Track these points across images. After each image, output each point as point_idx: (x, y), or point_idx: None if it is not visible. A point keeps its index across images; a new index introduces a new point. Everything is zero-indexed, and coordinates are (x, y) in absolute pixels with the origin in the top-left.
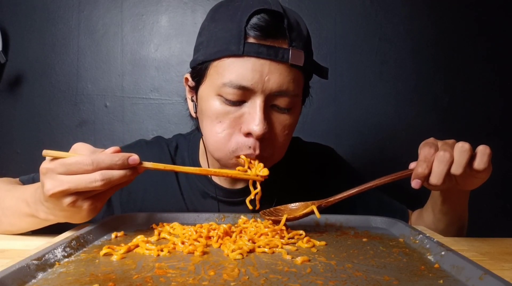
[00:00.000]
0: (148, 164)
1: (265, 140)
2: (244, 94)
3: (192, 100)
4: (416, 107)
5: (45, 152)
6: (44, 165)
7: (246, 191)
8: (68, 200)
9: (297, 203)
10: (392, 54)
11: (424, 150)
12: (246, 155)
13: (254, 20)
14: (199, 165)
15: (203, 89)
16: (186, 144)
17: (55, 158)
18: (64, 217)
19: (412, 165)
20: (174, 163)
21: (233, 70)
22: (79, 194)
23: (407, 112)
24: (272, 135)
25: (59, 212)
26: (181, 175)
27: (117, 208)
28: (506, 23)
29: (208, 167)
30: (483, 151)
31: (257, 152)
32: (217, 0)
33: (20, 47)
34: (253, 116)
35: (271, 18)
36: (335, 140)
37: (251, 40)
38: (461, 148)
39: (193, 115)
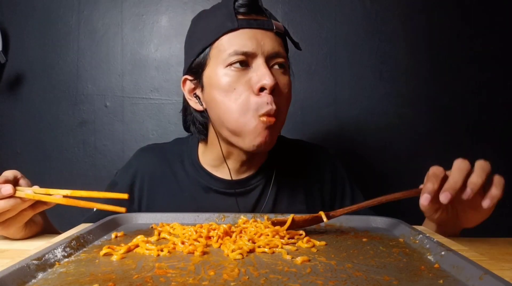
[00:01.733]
0: (22, 194)
1: (275, 95)
2: (247, 60)
3: (196, 96)
4: (416, 107)
5: None
6: None
7: (249, 180)
8: None
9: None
10: (392, 54)
11: (433, 168)
12: (267, 113)
13: (238, 2)
14: (199, 166)
15: (209, 70)
16: (185, 147)
17: None
18: None
19: (421, 186)
20: (171, 167)
21: (234, 42)
22: None
23: (407, 112)
24: (279, 92)
25: None
26: (180, 174)
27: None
28: (506, 23)
29: (223, 155)
30: (499, 179)
31: (274, 106)
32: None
33: (20, 47)
34: (261, 73)
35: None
36: (335, 140)
37: (240, 17)
38: (482, 163)
39: (200, 108)
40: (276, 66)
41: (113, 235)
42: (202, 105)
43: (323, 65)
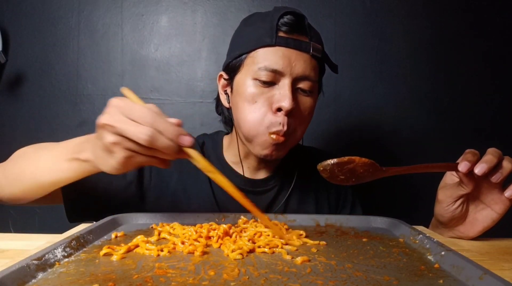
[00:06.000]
0: (192, 152)
1: (291, 116)
2: (275, 77)
3: (226, 93)
4: (416, 107)
5: (123, 89)
6: (115, 100)
7: (267, 181)
8: (110, 138)
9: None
10: (392, 54)
11: (468, 149)
12: (276, 132)
13: (283, 19)
14: (223, 160)
15: (240, 76)
16: (211, 141)
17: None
18: (98, 158)
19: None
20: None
21: (267, 57)
22: (122, 140)
23: (407, 112)
24: (297, 113)
25: (98, 150)
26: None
27: (149, 190)
28: (505, 23)
29: (239, 155)
30: None
31: (285, 128)
32: (216, 1)
33: (20, 47)
34: (283, 94)
35: (296, 18)
36: (335, 140)
37: (281, 34)
38: (508, 157)
39: (227, 105)
40: (302, 89)
41: (113, 235)
42: (228, 103)
43: None
